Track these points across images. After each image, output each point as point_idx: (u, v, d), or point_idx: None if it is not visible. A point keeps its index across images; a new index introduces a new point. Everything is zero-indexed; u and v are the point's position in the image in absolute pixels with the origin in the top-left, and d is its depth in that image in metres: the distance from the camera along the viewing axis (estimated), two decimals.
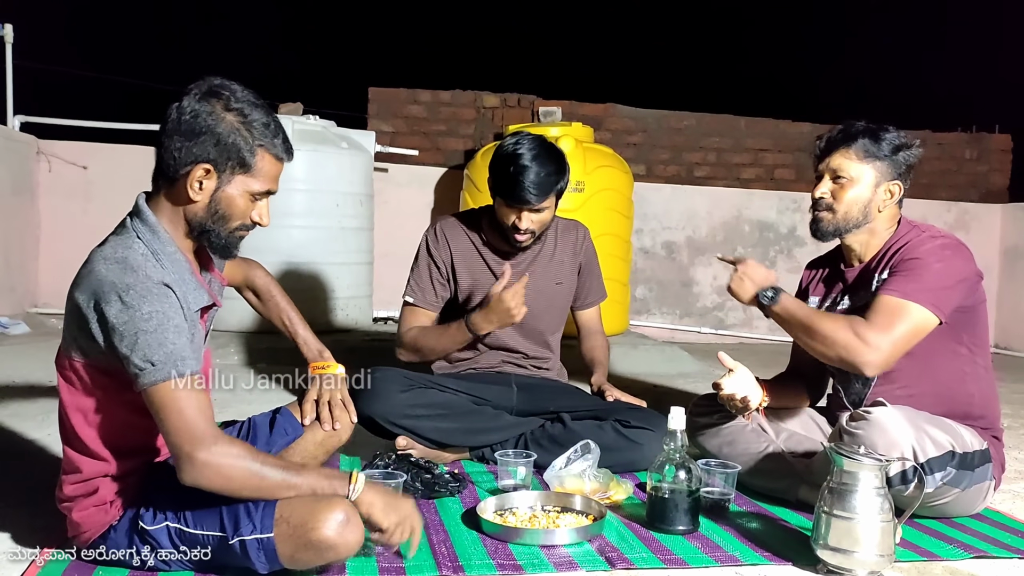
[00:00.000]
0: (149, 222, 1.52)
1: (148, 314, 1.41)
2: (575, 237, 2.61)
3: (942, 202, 6.23)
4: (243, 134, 1.50)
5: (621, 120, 5.95)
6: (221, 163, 1.50)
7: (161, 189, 1.54)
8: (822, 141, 2.12)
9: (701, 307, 5.97)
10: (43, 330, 4.54)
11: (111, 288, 1.42)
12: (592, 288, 2.65)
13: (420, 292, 2.51)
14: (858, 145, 2.05)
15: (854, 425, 1.82)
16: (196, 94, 1.50)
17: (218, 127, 1.49)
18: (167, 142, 1.50)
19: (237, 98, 1.51)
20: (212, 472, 1.40)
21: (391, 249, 5.13)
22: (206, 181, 1.50)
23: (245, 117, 1.51)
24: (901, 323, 1.89)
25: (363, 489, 1.51)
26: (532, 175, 2.30)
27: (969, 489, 1.92)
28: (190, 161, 1.48)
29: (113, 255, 1.47)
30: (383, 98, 5.71)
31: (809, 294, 2.27)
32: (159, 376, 1.40)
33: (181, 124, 1.48)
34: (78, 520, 1.54)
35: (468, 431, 2.39)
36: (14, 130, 5.07)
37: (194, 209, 1.53)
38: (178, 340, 1.43)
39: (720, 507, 2.02)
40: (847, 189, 2.05)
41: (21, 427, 2.65)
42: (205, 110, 1.49)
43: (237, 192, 1.53)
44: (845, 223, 2.07)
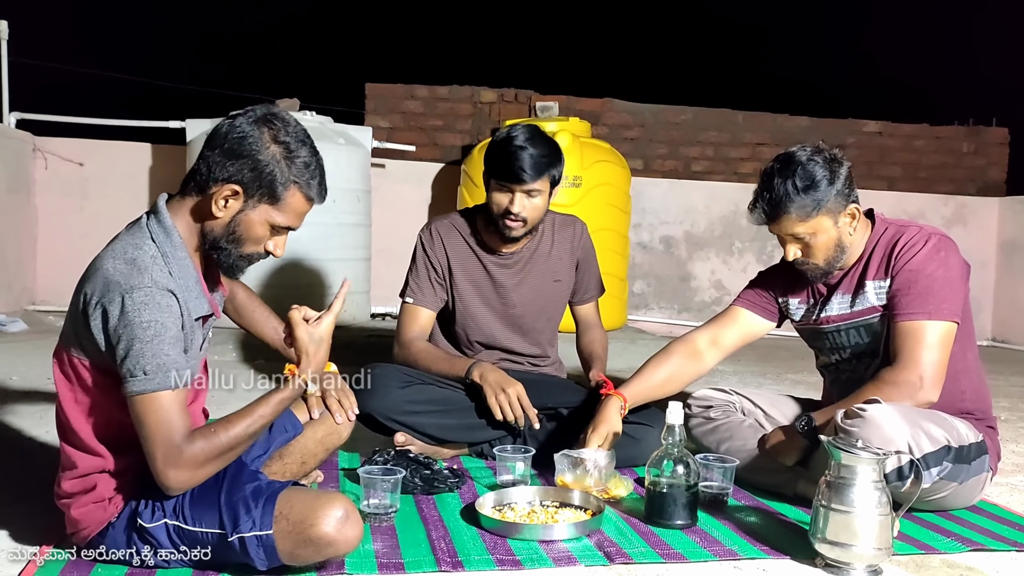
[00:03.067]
0: (165, 224, 1.53)
1: (147, 323, 1.42)
2: (572, 233, 2.59)
3: (939, 196, 6.23)
4: (281, 167, 1.52)
5: (618, 115, 5.95)
6: (251, 189, 1.51)
7: (188, 194, 1.55)
8: (758, 214, 2.05)
9: (699, 301, 5.97)
10: (41, 327, 4.54)
11: (116, 289, 1.43)
12: (590, 283, 2.65)
13: (419, 292, 2.50)
14: (795, 208, 1.97)
15: (849, 423, 1.81)
16: (252, 117, 1.53)
17: (260, 154, 1.50)
18: (208, 153, 1.52)
19: (287, 132, 1.54)
20: (185, 481, 1.44)
21: (388, 245, 5.13)
22: (232, 201, 1.52)
23: (289, 152, 1.53)
24: (928, 345, 1.92)
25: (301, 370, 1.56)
26: (526, 155, 2.30)
27: (966, 482, 1.92)
28: (222, 178, 1.50)
29: (123, 254, 1.48)
30: (380, 94, 5.71)
31: (790, 295, 2.25)
32: (148, 386, 1.42)
33: (227, 141, 1.51)
34: (77, 517, 1.54)
35: (466, 427, 2.39)
36: (10, 127, 5.06)
37: (213, 224, 1.54)
38: (172, 351, 1.44)
39: (718, 501, 2.02)
40: (813, 244, 2.02)
41: (19, 425, 2.65)
42: (253, 134, 1.51)
43: (258, 219, 1.54)
44: (829, 265, 2.06)
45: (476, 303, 2.50)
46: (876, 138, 6.16)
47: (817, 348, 2.24)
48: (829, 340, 2.16)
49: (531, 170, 2.30)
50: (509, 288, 2.50)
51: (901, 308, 1.97)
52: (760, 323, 2.29)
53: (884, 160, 6.15)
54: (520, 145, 2.31)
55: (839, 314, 2.12)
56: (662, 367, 2.28)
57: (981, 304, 5.99)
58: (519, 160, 2.30)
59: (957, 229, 5.96)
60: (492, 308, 2.50)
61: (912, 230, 2.05)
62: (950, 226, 5.96)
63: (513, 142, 2.33)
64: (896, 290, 2.00)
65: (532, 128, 2.39)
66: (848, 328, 2.11)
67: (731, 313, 2.32)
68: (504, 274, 2.50)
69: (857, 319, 2.09)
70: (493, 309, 2.51)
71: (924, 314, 1.94)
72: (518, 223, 2.37)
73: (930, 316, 1.94)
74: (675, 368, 2.28)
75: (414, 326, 2.49)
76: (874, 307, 2.06)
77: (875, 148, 6.23)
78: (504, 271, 2.50)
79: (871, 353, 2.09)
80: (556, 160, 2.37)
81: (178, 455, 1.42)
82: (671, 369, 2.27)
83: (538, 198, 2.36)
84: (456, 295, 2.50)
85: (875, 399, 1.86)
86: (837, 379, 2.20)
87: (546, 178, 2.35)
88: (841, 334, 2.13)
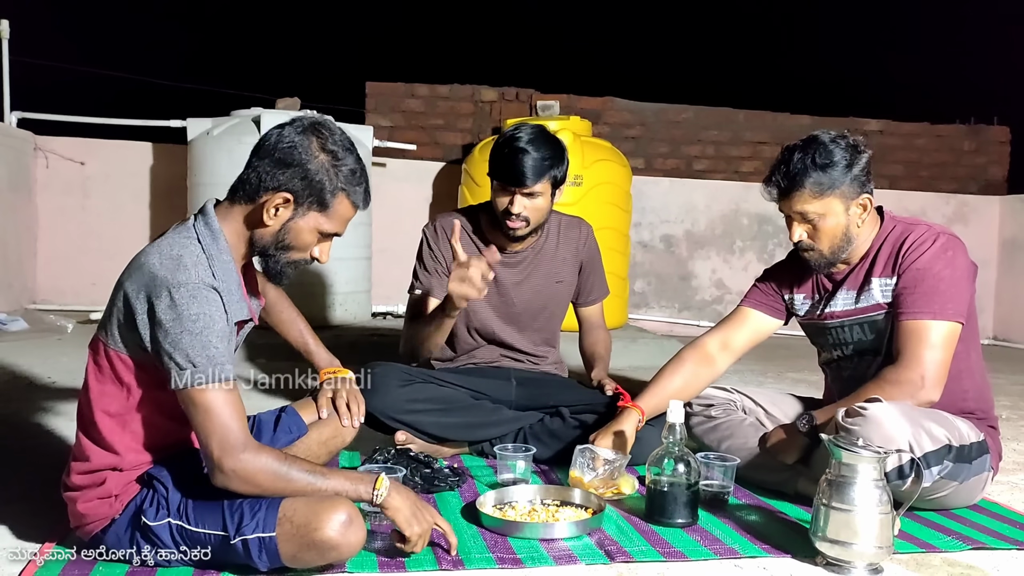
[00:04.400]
0: (212, 227, 1.55)
1: (196, 315, 1.44)
2: (578, 234, 2.59)
3: (940, 194, 6.23)
4: (330, 175, 1.55)
5: (619, 113, 5.95)
6: (302, 197, 1.54)
7: (236, 202, 1.58)
8: (772, 187, 2.04)
9: (700, 300, 5.97)
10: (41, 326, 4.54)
11: (163, 284, 1.45)
12: (595, 285, 2.65)
13: (426, 282, 2.48)
14: (810, 183, 1.97)
15: (850, 421, 1.81)
16: (299, 126, 1.56)
17: (310, 163, 1.53)
18: (257, 162, 1.55)
19: (334, 140, 1.57)
20: (240, 479, 1.44)
21: (389, 244, 5.13)
22: (283, 209, 1.55)
23: (337, 160, 1.56)
24: (932, 345, 1.92)
25: (389, 493, 1.52)
26: (527, 157, 2.29)
27: (967, 481, 1.92)
28: (274, 187, 1.53)
29: (169, 251, 1.50)
30: (381, 92, 5.70)
31: (795, 291, 2.24)
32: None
33: (276, 150, 1.53)
34: (82, 511, 1.55)
35: (467, 426, 2.39)
36: (11, 126, 5.06)
37: (263, 232, 1.57)
38: (220, 345, 1.46)
39: (719, 500, 2.02)
40: (820, 227, 2.01)
41: (20, 423, 2.65)
42: (303, 144, 1.54)
43: (308, 227, 1.57)
44: (833, 255, 2.05)
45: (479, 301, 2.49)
46: (877, 136, 6.15)
47: (820, 344, 2.24)
48: (832, 336, 2.16)
49: (530, 172, 2.30)
50: (510, 286, 2.50)
51: (906, 307, 1.97)
52: (768, 322, 2.28)
53: (885, 158, 6.14)
54: (521, 147, 2.31)
55: (843, 310, 2.12)
56: (676, 375, 2.27)
57: (982, 303, 5.99)
58: (519, 163, 2.29)
59: (958, 227, 5.95)
60: (492, 305, 2.50)
61: (921, 228, 2.04)
62: (951, 224, 5.95)
63: (514, 143, 2.32)
64: (902, 288, 2.00)
65: (536, 129, 2.38)
66: (852, 324, 2.11)
67: (739, 314, 2.31)
68: (507, 272, 2.49)
69: (861, 315, 2.09)
70: (494, 307, 2.51)
71: (929, 313, 1.94)
72: (520, 223, 2.37)
73: (935, 316, 1.93)
74: (689, 375, 2.27)
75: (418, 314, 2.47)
76: (879, 304, 2.05)
77: (876, 146, 6.19)
78: (507, 269, 2.49)
79: (874, 350, 2.09)
80: (558, 161, 2.36)
81: (236, 448, 1.43)
82: (685, 376, 2.27)
83: (539, 199, 2.35)
84: None
85: (876, 398, 1.85)
86: (839, 376, 2.20)
87: (547, 180, 2.34)
88: (844, 330, 2.13)
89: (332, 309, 4.52)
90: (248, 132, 4.30)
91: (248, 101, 5.69)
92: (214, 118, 4.58)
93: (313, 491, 1.47)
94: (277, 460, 1.47)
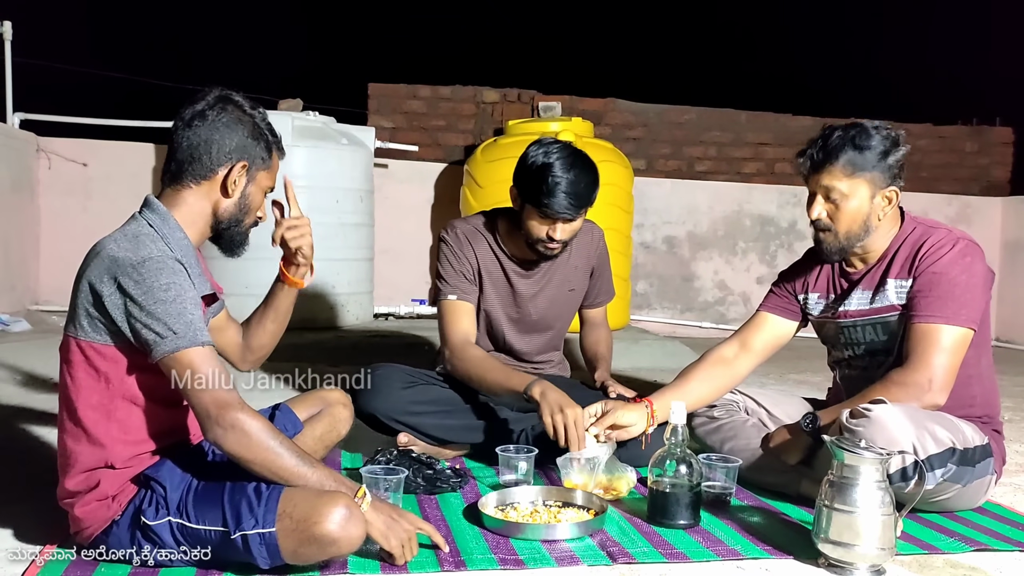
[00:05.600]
0: (159, 211, 1.59)
1: (166, 285, 1.46)
2: (590, 239, 2.56)
3: (943, 195, 6.22)
4: (264, 134, 1.65)
5: (621, 115, 5.94)
6: (254, 160, 1.63)
7: (184, 185, 1.61)
8: (806, 159, 2.04)
9: (702, 302, 5.97)
10: (44, 327, 4.55)
11: (126, 263, 1.47)
12: (602, 289, 2.65)
13: (459, 288, 2.40)
14: (844, 160, 1.97)
15: (854, 422, 1.81)
16: (212, 100, 1.61)
17: (246, 129, 1.62)
18: (196, 141, 1.58)
19: (247, 103, 1.65)
20: (238, 433, 1.44)
21: (391, 245, 5.13)
22: (240, 178, 1.61)
23: (260, 119, 1.66)
24: (941, 349, 1.91)
25: (366, 509, 1.51)
26: (570, 187, 2.20)
27: (970, 485, 1.91)
28: (228, 159, 1.59)
29: (123, 236, 1.54)
30: (383, 94, 5.71)
31: (809, 290, 2.24)
32: (182, 343, 1.45)
33: (216, 125, 1.59)
34: (80, 516, 1.55)
35: (469, 427, 2.39)
36: (14, 127, 5.07)
37: (226, 204, 1.63)
38: (196, 311, 1.49)
39: (721, 501, 2.02)
40: (842, 208, 2.00)
41: (22, 424, 2.65)
42: (233, 115, 1.62)
43: (258, 187, 1.67)
44: (848, 241, 2.04)
45: (496, 309, 2.48)
46: None
47: (831, 343, 2.23)
48: (845, 335, 2.15)
49: (575, 203, 2.23)
50: (527, 297, 2.49)
51: (919, 310, 1.96)
52: (785, 325, 2.28)
53: None
54: (565, 178, 2.20)
55: (857, 309, 2.11)
56: (695, 378, 2.25)
57: None
58: (566, 196, 2.20)
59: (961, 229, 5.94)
60: (508, 315, 2.49)
61: (941, 232, 2.04)
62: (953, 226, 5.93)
63: (554, 171, 2.21)
64: (917, 291, 1.99)
65: (569, 150, 2.28)
66: (865, 324, 2.10)
67: (756, 319, 2.31)
68: (524, 283, 2.48)
69: (875, 316, 2.07)
70: (509, 316, 2.49)
71: (942, 318, 1.93)
72: (558, 246, 2.32)
73: (947, 320, 1.92)
74: (708, 377, 2.25)
75: (460, 324, 2.37)
76: (893, 305, 2.04)
77: None
78: (524, 280, 2.48)
79: (885, 351, 2.08)
80: (596, 186, 2.29)
81: (232, 404, 1.45)
82: (705, 379, 2.25)
83: (577, 222, 2.31)
84: (480, 297, 2.47)
85: (881, 399, 1.85)
86: (848, 376, 2.19)
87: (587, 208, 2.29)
88: (857, 330, 2.12)
89: (334, 310, 4.52)
90: None
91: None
92: None
93: (298, 475, 1.47)
94: (270, 430, 1.48)
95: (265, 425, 1.47)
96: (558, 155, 2.25)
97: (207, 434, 1.46)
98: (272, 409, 1.89)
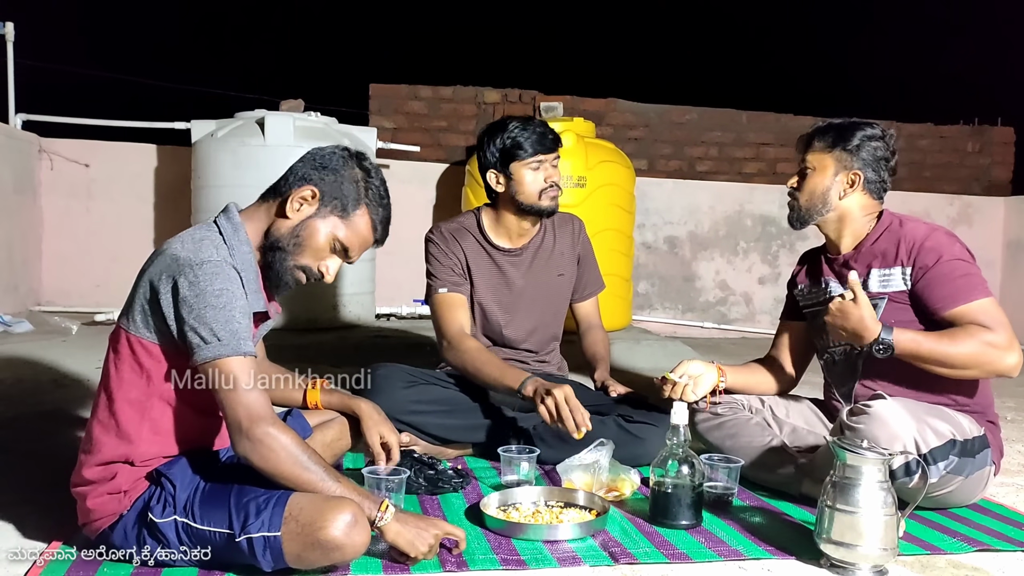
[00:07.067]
0: (233, 220, 1.61)
1: (219, 291, 1.48)
2: (571, 229, 2.65)
3: (944, 195, 6.21)
4: (359, 187, 1.64)
5: (622, 115, 5.94)
6: (327, 197, 1.61)
7: (264, 200, 1.65)
8: (799, 141, 2.22)
9: (704, 302, 5.96)
10: (46, 328, 4.55)
11: (186, 263, 1.49)
12: (590, 279, 2.68)
13: (448, 281, 2.46)
14: (825, 138, 2.14)
15: (855, 419, 1.82)
16: (345, 149, 1.66)
17: (343, 171, 1.63)
18: (297, 165, 1.63)
19: (372, 166, 1.67)
20: (265, 449, 1.46)
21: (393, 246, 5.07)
22: (306, 205, 1.60)
23: (370, 177, 1.66)
24: (1001, 316, 1.95)
25: (391, 519, 1.53)
26: (540, 125, 2.43)
27: (971, 476, 1.93)
28: (303, 181, 1.60)
29: (190, 237, 1.56)
30: (384, 94, 5.71)
31: (799, 283, 2.32)
32: (225, 351, 1.46)
33: (318, 157, 1.63)
34: (91, 507, 1.56)
35: (471, 427, 2.40)
36: (16, 128, 5.07)
37: (281, 224, 1.62)
38: (243, 321, 1.50)
39: (723, 502, 2.02)
40: (809, 178, 2.15)
41: (24, 425, 2.65)
42: (343, 157, 1.65)
43: (325, 229, 1.62)
44: (807, 211, 2.16)
45: (489, 299, 2.51)
46: None
47: (817, 333, 2.24)
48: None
49: (553, 135, 2.45)
50: (519, 284, 2.52)
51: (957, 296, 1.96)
52: (798, 325, 2.35)
53: None
54: (521, 122, 2.43)
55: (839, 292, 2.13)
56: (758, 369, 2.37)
57: None
58: (540, 131, 2.41)
59: (962, 229, 5.94)
60: (502, 304, 2.52)
61: (920, 224, 2.09)
62: (955, 226, 5.94)
63: (511, 123, 2.43)
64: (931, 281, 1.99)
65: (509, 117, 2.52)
66: None
67: (778, 329, 2.42)
68: (512, 270, 2.53)
69: None
70: (503, 305, 2.52)
71: (974, 295, 1.96)
72: (559, 191, 2.47)
73: (982, 295, 1.97)
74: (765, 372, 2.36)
75: (454, 317, 2.43)
76: (874, 292, 2.07)
77: None
78: (513, 267, 2.53)
79: None
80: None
81: (264, 419, 1.46)
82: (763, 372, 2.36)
83: (559, 167, 2.47)
84: (472, 291, 2.51)
85: (880, 394, 1.88)
86: (831, 364, 2.22)
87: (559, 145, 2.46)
88: None
89: (336, 310, 4.52)
90: (252, 134, 4.31)
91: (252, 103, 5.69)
92: (218, 120, 4.58)
93: (323, 489, 1.49)
94: (299, 445, 1.49)
95: (294, 440, 1.48)
96: (508, 117, 2.49)
97: (236, 447, 1.48)
98: (284, 414, 1.89)
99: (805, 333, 2.34)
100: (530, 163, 2.40)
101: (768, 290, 5.92)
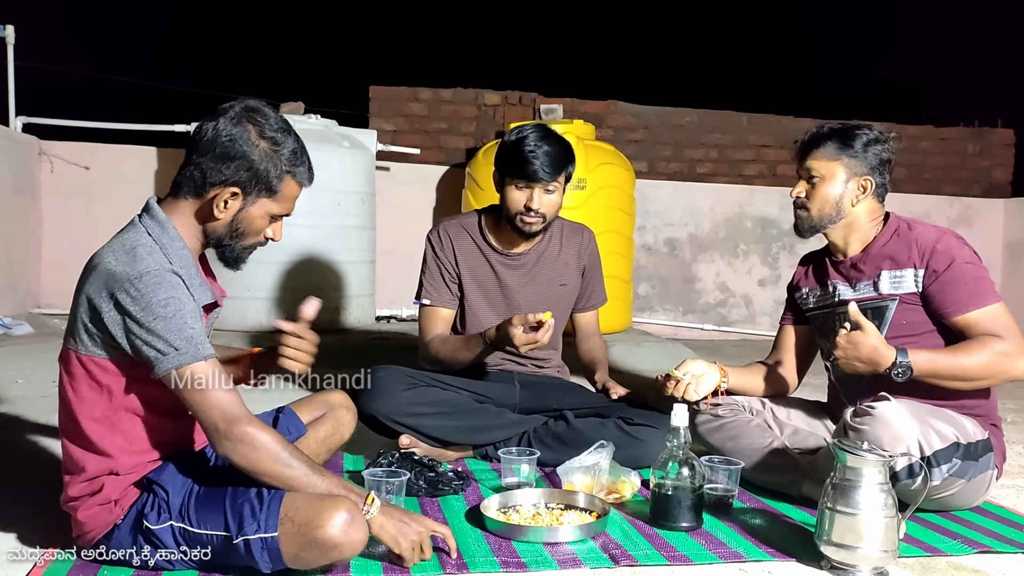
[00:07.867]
0: (159, 218, 1.57)
1: (164, 300, 1.45)
2: (580, 240, 2.62)
3: (945, 197, 6.22)
4: (274, 161, 1.57)
5: (623, 117, 5.95)
6: (249, 188, 1.57)
7: (181, 196, 1.59)
8: (797, 145, 2.19)
9: (704, 304, 5.96)
10: (46, 330, 4.55)
11: (123, 277, 1.46)
12: (594, 292, 2.66)
13: (436, 293, 2.52)
14: (828, 145, 2.11)
15: (858, 421, 1.82)
16: (232, 117, 1.55)
17: (252, 154, 1.55)
18: (198, 158, 1.55)
19: (271, 126, 1.58)
20: (246, 449, 1.45)
21: (393, 248, 5.13)
22: (231, 202, 1.57)
23: (277, 145, 1.57)
24: (1010, 322, 1.96)
25: (376, 513, 1.52)
26: (544, 154, 2.34)
27: (974, 479, 1.92)
28: (220, 182, 1.55)
29: (120, 247, 1.51)
30: (384, 96, 5.71)
31: (801, 286, 2.31)
32: (185, 359, 1.44)
33: (216, 145, 1.53)
34: (83, 519, 1.55)
35: (471, 429, 2.39)
36: (16, 131, 5.08)
37: (215, 225, 1.59)
38: (196, 324, 1.48)
39: (724, 504, 2.02)
40: (819, 187, 2.12)
41: (25, 427, 2.65)
42: (242, 136, 1.54)
43: (259, 213, 1.60)
44: (820, 220, 2.14)
45: (481, 302, 2.52)
46: None
47: (824, 335, 2.24)
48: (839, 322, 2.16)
49: (549, 168, 2.35)
50: (515, 289, 2.51)
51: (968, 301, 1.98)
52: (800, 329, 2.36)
53: None
54: (536, 144, 2.35)
55: (845, 298, 2.14)
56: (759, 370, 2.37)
57: None
58: (537, 159, 2.34)
59: (963, 230, 5.91)
60: (495, 308, 2.51)
61: (928, 228, 2.10)
62: (955, 227, 5.90)
63: (527, 141, 2.37)
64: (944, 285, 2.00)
65: (543, 127, 2.45)
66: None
67: (779, 332, 2.42)
68: (511, 275, 2.51)
69: (866, 303, 2.10)
70: (496, 309, 2.51)
71: (984, 301, 1.97)
72: (537, 219, 2.40)
73: (993, 300, 1.98)
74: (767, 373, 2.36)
75: (435, 327, 2.51)
76: (884, 295, 2.07)
77: None
78: (511, 272, 2.51)
79: None
80: (570, 157, 2.43)
81: (241, 418, 1.45)
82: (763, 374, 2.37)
83: (555, 195, 2.41)
84: (466, 294, 2.52)
85: (884, 396, 1.88)
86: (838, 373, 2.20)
87: (563, 175, 2.40)
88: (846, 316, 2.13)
89: (336, 312, 4.52)
90: None
91: None
92: None
93: (308, 484, 1.48)
94: (279, 442, 1.48)
95: (274, 437, 1.48)
96: (531, 130, 2.41)
97: (216, 448, 1.47)
98: (276, 412, 1.89)
99: (806, 335, 2.35)
100: (517, 182, 2.39)
101: (768, 292, 5.92)
